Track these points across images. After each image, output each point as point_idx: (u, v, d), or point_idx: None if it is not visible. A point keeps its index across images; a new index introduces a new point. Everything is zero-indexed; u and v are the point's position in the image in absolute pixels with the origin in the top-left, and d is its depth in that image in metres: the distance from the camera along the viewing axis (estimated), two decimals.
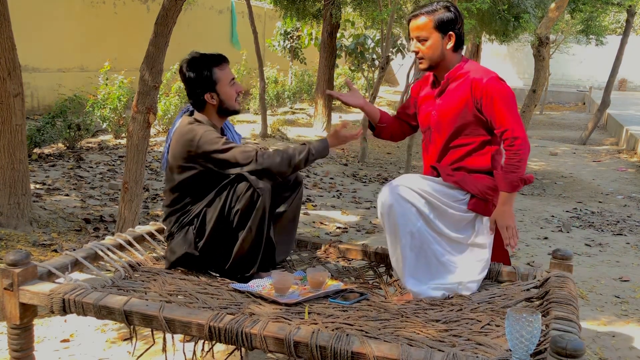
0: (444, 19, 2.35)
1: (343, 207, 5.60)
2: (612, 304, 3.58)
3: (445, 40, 2.37)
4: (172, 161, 2.42)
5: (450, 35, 2.37)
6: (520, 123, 2.33)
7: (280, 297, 2.15)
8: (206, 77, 2.38)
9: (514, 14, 10.35)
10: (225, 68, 2.45)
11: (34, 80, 8.71)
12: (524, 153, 2.31)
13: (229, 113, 2.50)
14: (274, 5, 10.29)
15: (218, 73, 2.41)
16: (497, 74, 2.37)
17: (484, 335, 1.90)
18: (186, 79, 2.42)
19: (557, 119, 16.22)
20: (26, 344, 2.04)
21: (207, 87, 2.40)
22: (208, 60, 2.42)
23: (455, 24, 2.37)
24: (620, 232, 5.26)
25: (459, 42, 2.39)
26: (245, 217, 2.29)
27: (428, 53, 2.39)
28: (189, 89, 2.43)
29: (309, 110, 13.24)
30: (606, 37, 14.96)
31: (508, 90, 2.33)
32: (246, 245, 2.32)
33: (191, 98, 2.44)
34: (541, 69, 6.93)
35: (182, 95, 9.04)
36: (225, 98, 2.44)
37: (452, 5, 2.39)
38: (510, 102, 2.32)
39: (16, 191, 3.99)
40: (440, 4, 2.37)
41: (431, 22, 2.35)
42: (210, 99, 2.42)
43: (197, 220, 2.38)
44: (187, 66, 2.42)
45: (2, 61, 3.80)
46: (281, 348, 1.73)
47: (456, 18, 2.37)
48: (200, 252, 2.37)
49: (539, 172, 8.37)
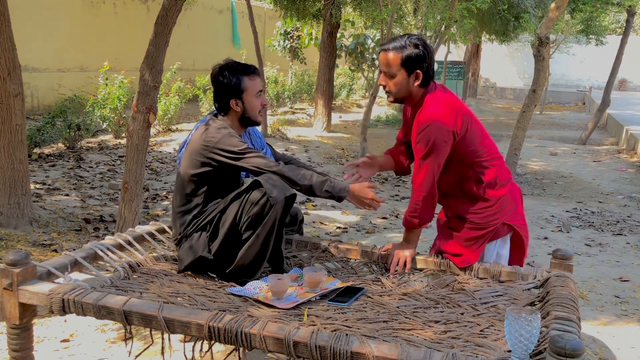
0: (412, 57, 2.30)
1: (343, 207, 5.61)
2: (612, 304, 3.58)
3: (412, 78, 2.33)
4: (188, 159, 2.42)
5: (417, 74, 2.32)
6: (425, 182, 2.37)
7: (278, 301, 2.14)
8: (235, 84, 2.46)
9: (514, 14, 10.36)
10: (255, 79, 2.52)
11: (34, 80, 8.71)
12: (421, 207, 2.41)
13: (250, 123, 2.56)
14: (274, 5, 10.29)
15: (247, 82, 2.48)
16: (439, 115, 2.31)
17: (484, 337, 1.90)
18: (216, 82, 2.50)
19: (557, 119, 16.23)
20: (26, 343, 2.04)
21: (234, 94, 2.47)
22: (240, 68, 2.50)
23: (423, 61, 2.32)
24: (620, 232, 5.26)
25: (426, 79, 2.36)
26: (255, 225, 2.30)
27: (394, 89, 2.38)
28: (216, 92, 2.50)
29: (309, 110, 13.24)
30: (606, 37, 14.97)
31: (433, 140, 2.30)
32: (251, 253, 2.32)
33: (217, 101, 2.51)
34: (541, 69, 6.93)
35: (181, 95, 9.05)
36: (249, 107, 2.50)
37: (422, 42, 2.33)
38: (428, 159, 2.33)
39: (16, 191, 3.99)
40: (410, 40, 2.32)
41: (398, 59, 2.31)
42: (235, 106, 2.48)
43: (210, 226, 2.39)
44: (220, 70, 2.50)
45: (2, 61, 3.80)
46: (280, 348, 1.73)
47: (424, 56, 2.31)
48: (214, 256, 2.38)
49: (539, 172, 8.37)
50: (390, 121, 13.04)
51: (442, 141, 2.30)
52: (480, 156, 2.40)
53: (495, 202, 2.43)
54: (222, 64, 2.52)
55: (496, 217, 2.43)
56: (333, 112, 11.39)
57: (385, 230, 5.03)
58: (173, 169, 6.57)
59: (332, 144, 9.28)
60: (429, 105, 2.34)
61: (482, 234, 2.44)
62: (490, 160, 2.42)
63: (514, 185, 2.55)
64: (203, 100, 9.37)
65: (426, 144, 2.30)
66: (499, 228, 2.45)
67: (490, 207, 2.42)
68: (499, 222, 2.44)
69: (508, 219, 2.46)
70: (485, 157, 2.41)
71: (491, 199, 2.42)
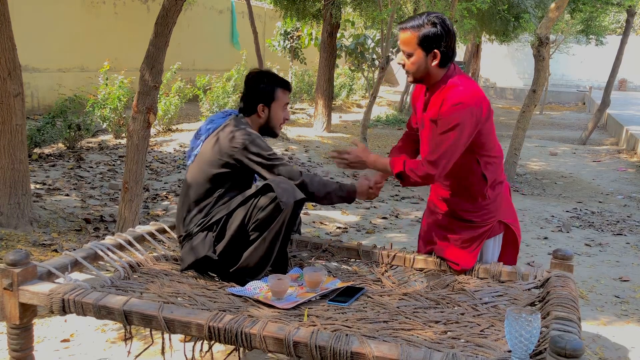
0: (429, 36, 2.22)
1: (343, 207, 5.61)
2: (612, 304, 3.58)
3: (429, 57, 2.26)
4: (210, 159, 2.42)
5: (434, 53, 2.24)
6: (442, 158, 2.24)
7: (278, 301, 2.14)
8: (268, 91, 2.54)
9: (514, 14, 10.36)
10: (286, 94, 2.61)
11: (34, 80, 8.71)
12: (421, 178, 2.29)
13: (269, 133, 2.62)
14: (274, 5, 10.29)
15: (279, 93, 2.57)
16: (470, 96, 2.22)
17: (484, 338, 1.90)
18: (250, 84, 2.57)
19: (557, 119, 16.23)
20: (26, 343, 2.04)
21: (264, 100, 2.54)
22: (277, 79, 2.59)
23: (441, 40, 2.23)
24: (620, 232, 5.26)
25: (445, 59, 2.27)
26: (263, 227, 2.31)
27: (412, 68, 2.31)
28: (248, 93, 2.56)
29: (309, 110, 13.24)
30: (606, 37, 14.96)
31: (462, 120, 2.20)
32: (256, 255, 2.33)
33: (245, 102, 2.57)
34: (541, 69, 6.93)
35: (181, 96, 9.04)
36: (274, 117, 2.58)
37: (441, 20, 2.23)
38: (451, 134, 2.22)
39: (16, 191, 3.99)
40: (427, 18, 2.23)
41: (415, 38, 2.23)
42: (261, 112, 2.55)
43: (217, 227, 2.39)
44: (258, 75, 2.58)
45: (2, 61, 3.80)
46: (281, 348, 1.73)
47: (442, 35, 2.22)
48: (218, 257, 2.38)
49: (539, 172, 8.37)
50: (390, 121, 13.04)
51: (469, 122, 2.20)
52: (489, 151, 2.36)
53: (494, 199, 2.41)
54: (262, 70, 2.62)
55: (493, 215, 2.42)
56: (333, 112, 11.38)
57: (385, 230, 5.04)
58: (173, 169, 6.57)
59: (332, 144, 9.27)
60: (458, 86, 2.25)
61: (479, 233, 2.42)
62: (495, 157, 2.39)
63: (506, 182, 2.56)
64: (203, 101, 9.36)
65: (452, 121, 2.20)
66: (494, 226, 2.43)
67: (489, 205, 2.40)
68: (495, 220, 2.42)
69: (503, 217, 2.45)
70: (493, 153, 2.38)
71: (490, 197, 2.40)
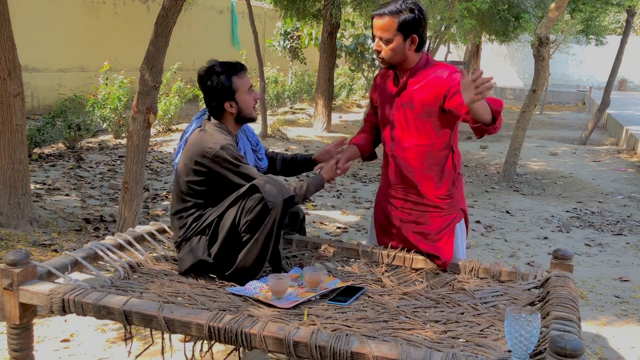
0: (408, 21, 2.27)
1: (343, 207, 5.61)
2: (612, 304, 3.58)
3: (407, 42, 2.30)
4: (184, 165, 2.41)
5: (413, 38, 2.30)
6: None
7: (278, 300, 2.14)
8: (226, 86, 2.41)
9: (514, 14, 10.37)
10: (244, 77, 2.47)
11: (34, 80, 8.71)
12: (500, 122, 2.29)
13: (246, 120, 2.53)
14: (274, 5, 10.29)
15: (237, 82, 2.43)
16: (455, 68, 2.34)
17: (484, 337, 1.90)
18: (205, 88, 2.44)
19: (557, 119, 16.22)
20: (26, 343, 2.04)
21: (227, 96, 2.42)
22: (227, 69, 2.43)
23: (419, 26, 2.30)
24: (620, 232, 5.26)
25: (421, 43, 2.34)
26: (254, 228, 2.29)
27: (389, 54, 2.33)
28: (208, 97, 2.44)
29: (309, 110, 13.24)
30: (606, 37, 14.96)
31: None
32: (251, 257, 2.32)
33: (210, 106, 2.46)
34: (541, 69, 6.93)
35: (181, 95, 9.05)
36: (244, 106, 2.46)
37: (417, 6, 2.30)
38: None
39: (16, 191, 3.99)
40: (405, 4, 2.28)
41: (395, 23, 2.27)
42: (230, 108, 2.44)
43: (210, 230, 2.38)
44: (207, 74, 2.43)
45: (2, 61, 3.80)
46: (280, 348, 1.73)
47: (420, 19, 2.29)
48: (214, 260, 2.38)
49: (539, 172, 8.37)
50: None
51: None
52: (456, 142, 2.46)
53: (460, 188, 2.50)
54: (206, 66, 2.45)
55: (458, 202, 2.49)
56: (333, 112, 11.38)
57: None
58: (173, 169, 6.57)
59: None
60: (439, 64, 2.36)
61: (449, 221, 2.46)
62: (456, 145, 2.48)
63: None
64: (203, 101, 9.38)
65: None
66: (459, 213, 2.50)
67: (457, 194, 2.48)
68: (459, 207, 2.50)
69: (463, 205, 2.54)
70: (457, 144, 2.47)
71: (458, 185, 2.48)
